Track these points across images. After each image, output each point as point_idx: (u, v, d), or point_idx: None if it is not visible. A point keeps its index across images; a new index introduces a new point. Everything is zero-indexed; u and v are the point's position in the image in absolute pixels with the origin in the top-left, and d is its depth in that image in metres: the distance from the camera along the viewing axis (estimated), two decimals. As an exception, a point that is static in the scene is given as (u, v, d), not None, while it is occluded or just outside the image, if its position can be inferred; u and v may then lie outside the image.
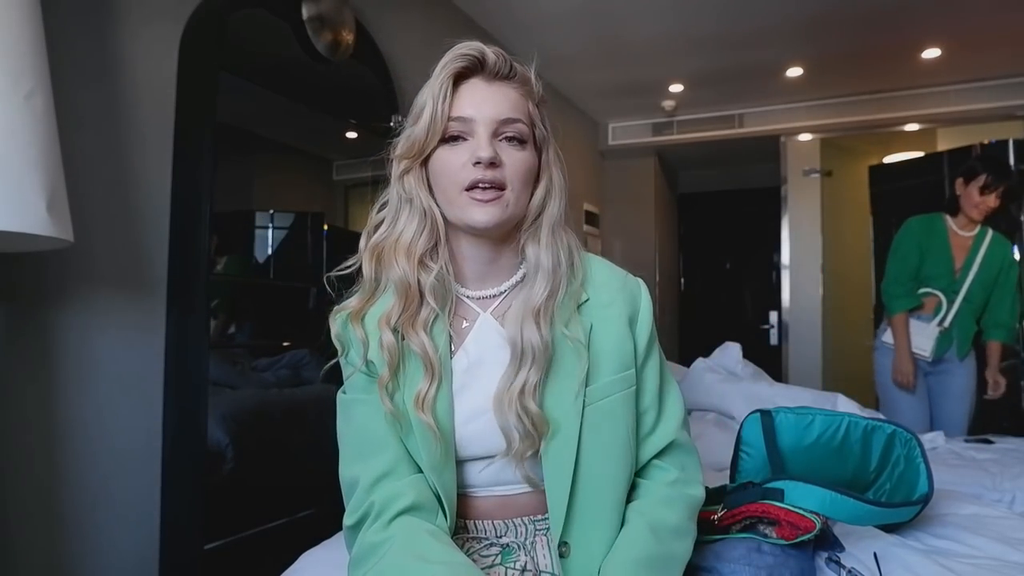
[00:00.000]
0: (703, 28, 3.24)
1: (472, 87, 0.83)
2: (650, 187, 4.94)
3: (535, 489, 0.85)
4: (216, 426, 1.68)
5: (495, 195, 0.81)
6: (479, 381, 0.85)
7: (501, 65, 0.83)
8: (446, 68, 0.82)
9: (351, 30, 2.12)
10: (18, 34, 1.04)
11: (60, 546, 1.45)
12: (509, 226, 0.85)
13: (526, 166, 0.83)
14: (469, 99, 0.82)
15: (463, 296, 0.89)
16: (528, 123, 0.84)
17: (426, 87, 0.83)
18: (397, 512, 0.79)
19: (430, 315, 0.84)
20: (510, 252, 0.89)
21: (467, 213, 0.82)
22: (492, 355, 0.85)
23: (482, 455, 0.84)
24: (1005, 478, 1.78)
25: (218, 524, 1.66)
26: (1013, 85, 3.83)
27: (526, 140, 0.84)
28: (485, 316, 0.88)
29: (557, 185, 0.87)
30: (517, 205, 0.83)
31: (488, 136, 0.81)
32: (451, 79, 0.82)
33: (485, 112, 0.82)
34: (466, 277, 0.89)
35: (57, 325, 1.44)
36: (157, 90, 1.65)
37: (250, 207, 1.98)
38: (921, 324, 2.59)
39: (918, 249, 2.60)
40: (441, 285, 0.85)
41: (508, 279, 0.89)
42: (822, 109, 4.30)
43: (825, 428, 1.27)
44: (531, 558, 0.85)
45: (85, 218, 1.40)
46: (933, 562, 1.03)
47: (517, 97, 0.84)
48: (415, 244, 0.84)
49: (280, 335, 1.96)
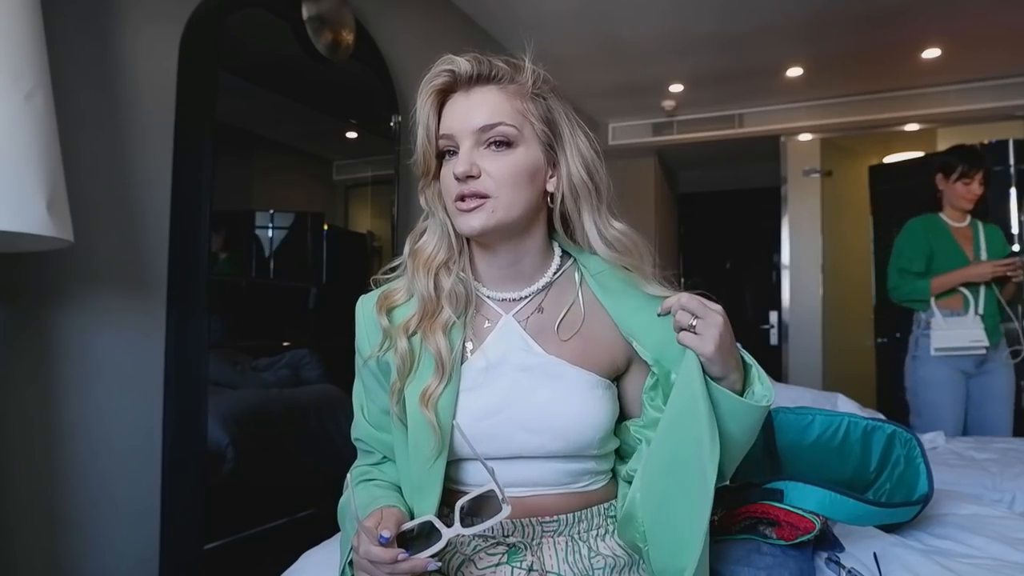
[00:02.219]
0: (703, 28, 3.24)
1: (453, 102, 0.85)
2: (650, 187, 4.94)
3: (545, 493, 0.86)
4: (216, 426, 1.68)
5: (477, 203, 0.82)
6: (496, 382, 0.86)
7: (475, 71, 0.83)
8: (424, 89, 0.85)
9: (351, 30, 2.12)
10: (18, 34, 1.04)
11: (60, 546, 1.45)
12: (509, 230, 0.85)
13: (514, 168, 0.83)
14: (450, 115, 0.85)
15: (485, 297, 0.91)
16: (516, 122, 0.83)
17: (414, 108, 0.86)
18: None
19: (449, 320, 0.86)
20: (536, 254, 0.90)
21: (458, 222, 0.85)
22: (513, 357, 0.87)
23: (503, 455, 0.85)
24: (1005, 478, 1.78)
25: (218, 524, 1.66)
26: (1013, 85, 3.83)
27: (514, 141, 0.83)
28: (507, 318, 0.89)
29: (579, 182, 0.86)
30: (510, 209, 0.83)
31: (470, 148, 0.83)
32: (432, 100, 0.85)
33: (463, 125, 0.83)
34: (487, 280, 0.91)
35: (57, 325, 1.44)
36: (157, 90, 1.65)
37: (250, 207, 1.98)
38: (959, 319, 2.55)
39: (927, 246, 2.60)
40: (460, 292, 0.87)
41: (533, 283, 0.90)
42: (822, 109, 4.30)
43: (825, 428, 1.27)
44: (537, 558, 0.85)
45: (85, 218, 1.39)
46: (933, 562, 1.03)
47: (499, 99, 0.83)
48: (434, 256, 0.88)
49: (280, 335, 1.96)
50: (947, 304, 2.58)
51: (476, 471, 0.86)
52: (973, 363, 2.57)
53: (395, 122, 2.38)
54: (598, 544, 0.88)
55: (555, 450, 0.85)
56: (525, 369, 0.86)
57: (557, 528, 0.87)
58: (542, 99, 0.86)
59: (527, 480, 0.86)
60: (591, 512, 0.89)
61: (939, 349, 2.58)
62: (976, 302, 2.54)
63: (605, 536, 0.89)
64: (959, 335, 2.53)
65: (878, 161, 4.53)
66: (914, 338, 2.70)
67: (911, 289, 2.62)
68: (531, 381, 0.85)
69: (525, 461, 0.86)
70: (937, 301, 2.58)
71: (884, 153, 4.65)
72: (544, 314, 0.89)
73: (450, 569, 0.86)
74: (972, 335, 2.52)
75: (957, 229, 2.62)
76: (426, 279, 0.87)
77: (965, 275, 2.53)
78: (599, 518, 0.90)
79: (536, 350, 0.87)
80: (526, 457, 0.86)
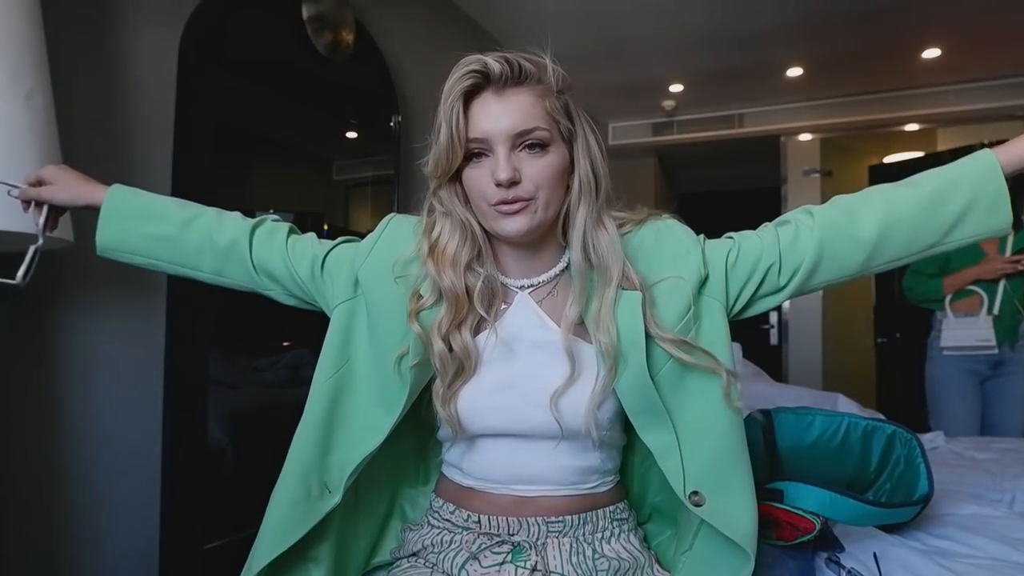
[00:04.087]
0: (703, 28, 3.24)
1: (484, 103, 0.82)
2: (650, 187, 4.94)
3: (553, 494, 0.87)
4: (216, 426, 1.68)
5: (522, 205, 0.82)
6: (510, 357, 0.87)
7: (508, 72, 0.81)
8: (454, 89, 0.81)
9: (351, 30, 2.12)
10: (18, 34, 1.04)
11: (60, 546, 1.45)
12: (545, 228, 0.86)
13: (551, 169, 0.83)
14: (483, 117, 0.82)
15: (505, 282, 0.91)
16: (548, 124, 0.83)
17: (440, 107, 0.82)
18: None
19: (475, 318, 0.87)
20: (553, 244, 0.90)
21: (498, 225, 0.84)
22: (528, 333, 0.88)
23: (513, 431, 0.86)
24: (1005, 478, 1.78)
25: (218, 523, 1.66)
26: (1013, 85, 3.83)
27: (548, 143, 0.83)
28: (523, 295, 0.90)
29: (585, 179, 0.86)
30: (548, 208, 0.84)
31: (507, 152, 0.81)
32: (461, 99, 0.81)
33: (500, 128, 0.81)
34: (508, 269, 0.92)
35: (57, 325, 1.44)
36: (157, 90, 1.65)
37: (250, 207, 1.97)
38: (971, 319, 2.54)
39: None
40: (488, 290, 0.88)
41: (550, 270, 0.91)
42: (822, 109, 4.30)
43: (825, 428, 1.27)
44: (541, 558, 0.85)
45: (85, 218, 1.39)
46: (933, 562, 1.03)
47: (531, 101, 0.82)
48: (459, 255, 0.87)
49: (280, 335, 1.96)
50: (965, 305, 2.57)
51: (510, 452, 0.88)
52: (987, 365, 2.56)
53: (395, 122, 2.38)
54: (603, 547, 0.88)
55: (565, 428, 0.85)
56: (540, 346, 0.87)
57: (562, 529, 0.87)
58: (564, 97, 0.86)
59: (536, 478, 0.87)
60: (597, 514, 0.90)
61: (947, 348, 2.58)
62: (992, 302, 2.52)
63: (611, 539, 0.89)
64: (967, 334, 2.53)
65: (878, 161, 4.52)
66: (930, 339, 2.69)
67: (925, 289, 2.62)
68: (546, 357, 0.86)
69: (533, 446, 0.86)
70: (955, 302, 2.57)
71: (884, 153, 4.64)
72: (558, 296, 0.90)
73: (453, 567, 0.86)
74: (980, 335, 2.51)
75: None
76: (456, 277, 0.85)
77: (976, 272, 2.51)
78: (605, 520, 0.90)
79: (551, 327, 0.88)
80: (536, 438, 0.86)
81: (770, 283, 0.88)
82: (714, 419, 0.83)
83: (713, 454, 0.83)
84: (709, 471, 0.83)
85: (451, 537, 0.89)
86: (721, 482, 0.83)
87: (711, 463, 0.83)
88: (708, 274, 0.86)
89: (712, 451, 0.83)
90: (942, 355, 2.59)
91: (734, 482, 0.83)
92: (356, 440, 0.88)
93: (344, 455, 0.88)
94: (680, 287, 0.84)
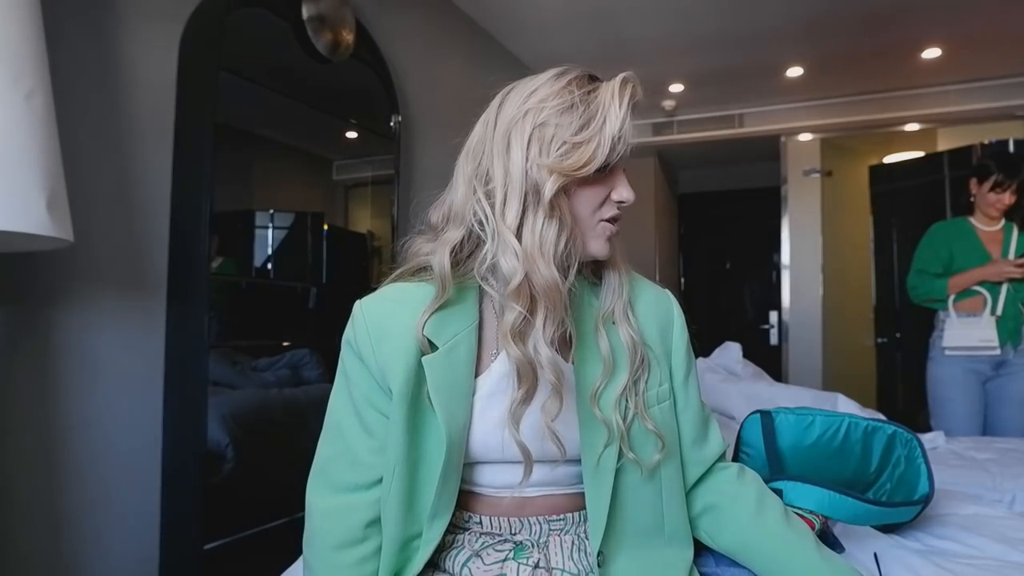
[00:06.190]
0: (703, 28, 3.24)
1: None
2: (650, 187, 4.94)
3: (555, 493, 0.86)
4: (216, 426, 1.68)
5: (617, 230, 0.84)
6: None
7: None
8: (624, 94, 0.80)
9: (351, 30, 2.12)
10: (18, 34, 1.04)
11: (60, 546, 1.45)
12: None
13: None
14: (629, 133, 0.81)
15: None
16: None
17: (588, 101, 0.81)
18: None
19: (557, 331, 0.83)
20: None
21: (597, 243, 0.84)
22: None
23: (511, 459, 0.83)
24: (1005, 478, 1.78)
25: (218, 524, 1.66)
26: (1013, 85, 3.83)
27: None
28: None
29: None
30: None
31: (623, 174, 0.83)
32: (629, 107, 0.80)
33: (629, 149, 0.81)
34: None
35: (57, 325, 1.44)
36: (157, 90, 1.65)
37: (250, 207, 1.98)
38: (974, 319, 2.54)
39: (946, 250, 2.59)
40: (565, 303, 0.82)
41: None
42: (822, 109, 4.30)
43: (825, 429, 1.27)
44: (544, 555, 0.85)
45: (85, 218, 1.40)
46: (933, 563, 1.03)
47: None
48: (558, 248, 0.79)
49: (280, 335, 1.96)
50: (968, 306, 2.57)
51: (512, 475, 0.83)
52: (990, 365, 2.56)
53: (395, 122, 2.38)
54: None
55: (575, 455, 0.84)
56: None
57: (564, 527, 0.87)
58: None
59: (539, 481, 0.85)
60: None
61: (949, 348, 2.58)
62: (995, 303, 2.52)
63: None
64: (969, 335, 2.53)
65: (878, 161, 4.53)
66: (932, 339, 2.70)
67: (929, 289, 2.62)
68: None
69: (542, 465, 0.85)
70: (958, 303, 2.57)
71: (884, 153, 4.65)
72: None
73: (455, 565, 0.86)
74: (982, 335, 2.51)
75: (987, 232, 2.59)
76: (550, 273, 0.77)
77: (982, 274, 2.52)
78: None
79: (564, 365, 0.84)
80: (546, 462, 0.84)
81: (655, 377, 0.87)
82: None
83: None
84: None
85: (452, 537, 0.89)
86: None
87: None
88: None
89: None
90: (944, 355, 2.60)
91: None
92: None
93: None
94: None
